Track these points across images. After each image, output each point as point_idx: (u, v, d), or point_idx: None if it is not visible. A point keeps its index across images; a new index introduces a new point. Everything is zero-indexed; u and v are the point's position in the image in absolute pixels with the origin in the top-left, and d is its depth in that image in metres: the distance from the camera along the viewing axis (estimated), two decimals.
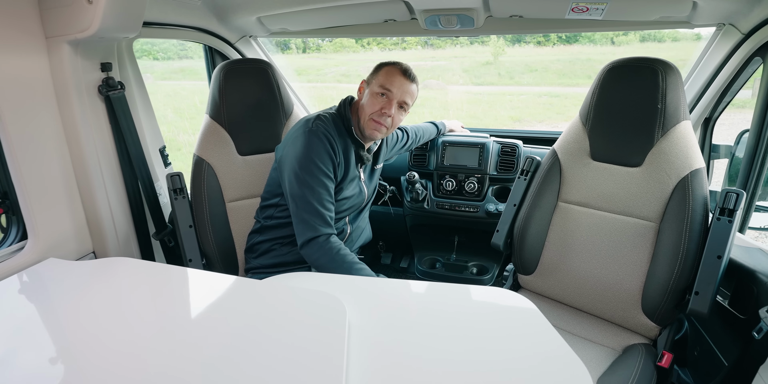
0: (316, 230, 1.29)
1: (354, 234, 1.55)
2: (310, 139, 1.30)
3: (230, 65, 1.50)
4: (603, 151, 1.38)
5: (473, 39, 9.06)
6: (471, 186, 1.90)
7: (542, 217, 1.48)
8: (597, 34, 15.90)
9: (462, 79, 13.20)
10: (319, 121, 1.34)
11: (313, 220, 1.29)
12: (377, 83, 1.35)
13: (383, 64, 1.39)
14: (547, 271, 1.48)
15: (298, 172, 1.30)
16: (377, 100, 1.35)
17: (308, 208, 1.29)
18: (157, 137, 1.57)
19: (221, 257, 1.50)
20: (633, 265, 1.32)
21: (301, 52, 17.01)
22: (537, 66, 13.63)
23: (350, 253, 1.30)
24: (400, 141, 1.76)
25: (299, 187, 1.30)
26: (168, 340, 0.82)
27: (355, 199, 1.47)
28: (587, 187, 1.42)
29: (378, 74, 1.37)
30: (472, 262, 2.08)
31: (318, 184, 1.30)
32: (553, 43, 15.86)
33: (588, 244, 1.40)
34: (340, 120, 1.39)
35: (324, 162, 1.30)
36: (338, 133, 1.36)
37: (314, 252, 1.29)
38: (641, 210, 1.32)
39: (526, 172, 1.55)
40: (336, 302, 0.92)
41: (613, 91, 1.33)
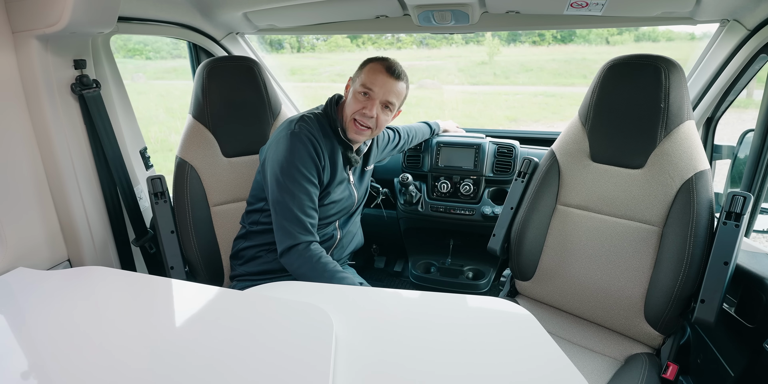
0: (295, 238, 1.23)
1: (344, 239, 1.49)
2: (292, 142, 1.24)
3: (214, 63, 1.44)
4: (603, 152, 1.33)
5: (469, 38, 8.93)
6: (466, 188, 1.84)
7: (540, 220, 1.42)
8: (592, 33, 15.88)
9: (457, 79, 13.17)
10: (303, 122, 1.27)
11: (293, 228, 1.23)
12: (360, 82, 1.28)
13: (368, 61, 1.31)
14: (546, 277, 1.43)
15: (279, 178, 1.24)
16: (359, 100, 1.28)
17: (288, 215, 1.23)
18: (137, 138, 1.50)
19: (205, 264, 1.43)
20: (635, 271, 1.26)
21: (295, 51, 16.90)
22: (532, 65, 13.63)
23: (332, 261, 1.24)
24: (392, 142, 1.69)
25: (280, 193, 1.24)
26: (143, 356, 0.75)
27: (345, 202, 1.40)
28: (587, 190, 1.36)
29: (362, 72, 1.30)
30: (467, 267, 2.02)
31: (299, 190, 1.24)
32: (549, 42, 15.85)
33: (588, 249, 1.35)
34: (326, 120, 1.33)
35: (306, 166, 1.24)
36: (323, 135, 1.30)
37: (294, 260, 1.23)
38: (643, 214, 1.26)
39: (523, 174, 1.49)
40: (322, 314, 0.86)
41: (614, 90, 1.27)
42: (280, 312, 0.90)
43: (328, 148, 1.30)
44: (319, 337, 0.79)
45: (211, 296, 0.96)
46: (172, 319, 0.89)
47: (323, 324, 0.83)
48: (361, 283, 1.23)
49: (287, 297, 0.98)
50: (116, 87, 1.41)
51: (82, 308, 0.92)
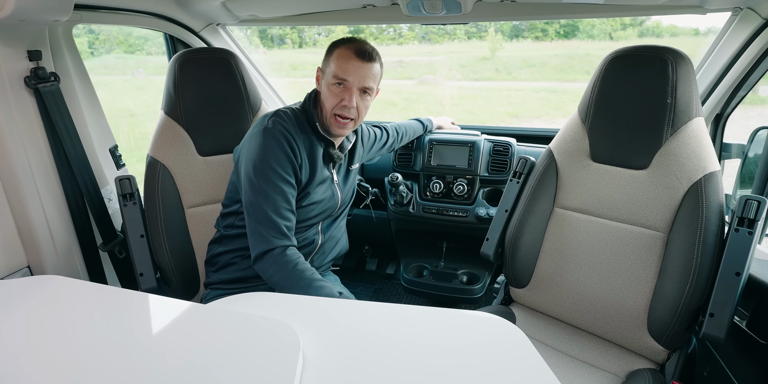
0: (270, 242, 1.13)
1: (327, 245, 1.38)
2: (264, 138, 1.14)
3: (186, 55, 1.34)
4: (604, 152, 1.23)
5: (471, 34, 8.82)
6: (460, 188, 1.75)
7: (536, 224, 1.32)
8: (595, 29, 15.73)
9: (459, 75, 13.06)
10: (277, 117, 1.18)
11: (267, 231, 1.13)
12: (331, 72, 1.17)
13: (334, 46, 1.19)
14: (542, 285, 1.33)
15: (252, 178, 1.14)
16: (334, 92, 1.17)
17: (261, 217, 1.13)
18: (106, 136, 1.40)
19: (179, 271, 1.35)
20: (638, 280, 1.17)
21: (297, 47, 16.82)
22: (535, 61, 13.52)
23: (310, 268, 1.14)
24: (379, 140, 1.59)
25: (253, 195, 1.15)
26: (95, 374, 0.67)
27: (327, 203, 1.30)
28: (587, 192, 1.26)
29: (330, 60, 1.18)
30: (461, 270, 1.93)
31: (273, 191, 1.14)
32: (552, 38, 15.73)
33: (587, 255, 1.25)
34: (304, 116, 1.23)
35: (281, 164, 1.14)
36: (301, 130, 1.20)
37: (268, 267, 1.13)
38: (647, 218, 1.16)
39: (519, 175, 1.39)
40: (288, 332, 0.77)
41: (617, 84, 1.17)
42: (243, 329, 0.81)
43: (306, 144, 1.20)
44: (283, 357, 0.70)
45: (172, 311, 0.87)
46: (126, 336, 0.80)
47: (289, 343, 0.74)
48: (341, 293, 1.13)
49: (254, 311, 0.89)
50: (80, 80, 1.31)
51: (29, 321, 0.83)
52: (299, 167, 1.19)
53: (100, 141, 1.37)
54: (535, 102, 9.63)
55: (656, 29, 15.30)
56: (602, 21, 16.34)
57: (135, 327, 0.82)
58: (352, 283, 2.32)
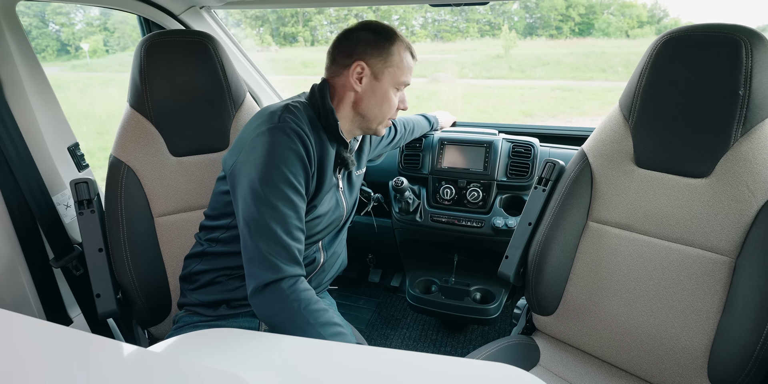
0: (278, 270, 0.87)
1: (328, 263, 1.16)
2: (274, 138, 0.90)
3: (155, 38, 1.14)
4: (653, 155, 1.01)
5: (484, 31, 8.73)
6: (474, 195, 1.53)
7: (566, 241, 1.11)
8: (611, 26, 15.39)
9: (472, 73, 12.85)
10: (288, 113, 0.94)
11: (275, 255, 0.88)
12: (397, 76, 1.01)
13: (391, 41, 1.00)
14: (572, 313, 1.12)
15: (257, 185, 0.90)
16: (395, 96, 1.04)
17: (268, 236, 0.88)
18: (62, 132, 1.21)
19: (144, 290, 1.15)
20: (696, 315, 0.95)
21: (309, 45, 16.71)
22: (549, 59, 13.26)
23: (324, 307, 0.89)
24: (387, 135, 1.38)
25: (257, 208, 0.89)
26: None
27: (332, 215, 1.08)
28: (630, 204, 1.04)
29: (391, 60, 1.00)
30: (474, 287, 1.71)
31: (284, 204, 0.89)
32: (567, 35, 15.43)
33: (629, 280, 1.03)
34: (314, 112, 1.00)
35: (294, 171, 0.91)
36: (313, 130, 0.97)
37: (272, 303, 0.87)
38: (709, 238, 0.94)
39: (545, 181, 1.17)
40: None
41: (671, 73, 0.95)
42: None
43: (318, 146, 0.98)
44: None
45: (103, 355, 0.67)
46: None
47: None
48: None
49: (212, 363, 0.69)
50: (27, 68, 1.12)
51: None
52: (311, 175, 0.97)
53: (55, 138, 1.18)
54: (550, 100, 9.38)
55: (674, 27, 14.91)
56: (618, 19, 15.96)
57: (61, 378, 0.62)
58: (353, 295, 2.12)
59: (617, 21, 15.91)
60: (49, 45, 14.48)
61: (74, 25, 15.56)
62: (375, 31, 0.99)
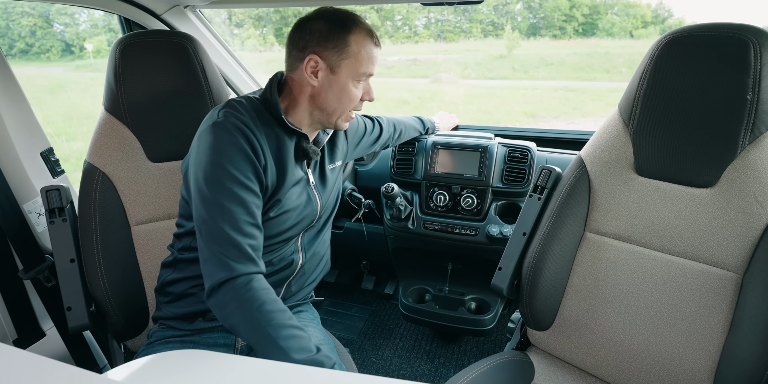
0: (230, 269, 0.85)
1: (308, 265, 1.10)
2: (215, 136, 0.88)
3: (130, 39, 1.09)
4: (654, 163, 0.95)
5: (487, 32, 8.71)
6: (468, 201, 1.47)
7: (562, 252, 1.05)
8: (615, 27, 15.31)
9: (474, 73, 12.81)
10: (229, 108, 0.91)
11: (225, 254, 0.85)
12: (356, 67, 0.93)
13: (346, 28, 0.92)
14: (569, 329, 1.06)
15: (203, 187, 0.88)
16: (357, 88, 0.96)
17: (217, 236, 0.86)
18: (35, 137, 1.16)
19: (119, 303, 1.10)
20: (700, 335, 0.89)
21: None
22: (552, 59, 13.20)
23: (282, 308, 0.86)
24: (370, 134, 1.31)
25: (205, 208, 0.87)
26: None
27: (303, 211, 1.02)
28: (629, 214, 0.98)
29: (347, 50, 0.92)
30: (469, 296, 1.65)
31: (231, 201, 0.87)
32: (570, 36, 15.36)
33: (629, 295, 0.97)
34: (264, 106, 0.96)
35: (239, 167, 0.88)
36: (263, 123, 0.93)
37: (227, 303, 0.85)
38: (714, 252, 0.88)
39: (540, 189, 1.11)
40: None
41: (674, 75, 0.89)
42: None
43: (271, 139, 0.94)
44: None
45: None
46: None
47: None
48: (319, 350, 0.86)
49: None
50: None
51: None
52: (263, 169, 0.92)
53: (26, 144, 1.12)
54: (553, 101, 9.32)
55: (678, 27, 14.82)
56: (623, 18, 15.86)
57: None
58: (346, 303, 2.06)
59: (621, 21, 15.83)
60: (54, 45, 14.52)
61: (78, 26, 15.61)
62: (330, 19, 0.91)
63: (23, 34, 13.92)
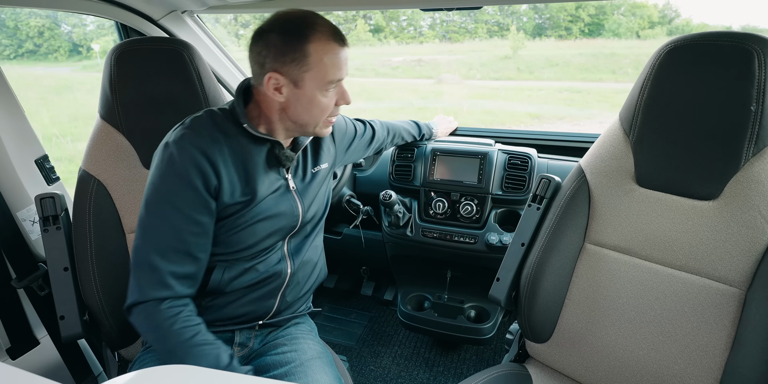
0: (142, 293, 0.85)
1: (300, 274, 1.07)
2: (163, 158, 0.87)
3: (125, 46, 1.08)
4: (656, 174, 0.93)
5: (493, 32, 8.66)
6: (468, 209, 1.45)
7: (561, 264, 1.03)
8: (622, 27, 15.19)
9: (480, 74, 12.76)
10: (187, 129, 0.89)
11: (142, 277, 0.86)
12: (321, 78, 0.87)
13: (302, 33, 0.83)
14: (568, 342, 1.04)
15: (142, 207, 0.88)
16: (327, 97, 0.90)
17: (141, 258, 0.86)
18: (29, 144, 1.15)
19: (113, 312, 1.09)
20: (701, 351, 0.86)
21: None
22: (558, 60, 13.12)
23: (194, 325, 0.86)
24: (361, 137, 1.27)
25: (139, 228, 0.88)
26: None
27: (282, 219, 0.99)
28: (629, 226, 0.96)
29: (309, 61, 0.84)
30: (469, 304, 1.64)
31: (162, 226, 0.86)
32: (575, 36, 15.26)
33: (629, 309, 0.95)
34: (233, 117, 0.93)
35: (180, 193, 0.86)
36: (226, 136, 0.90)
37: (139, 324, 0.87)
38: (716, 267, 0.86)
39: (539, 199, 1.09)
40: None
41: (676, 85, 0.87)
42: None
43: (235, 153, 0.91)
44: None
45: None
46: None
47: None
48: (231, 360, 0.85)
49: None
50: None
51: None
52: (217, 190, 0.89)
53: (20, 151, 1.12)
54: (559, 102, 9.25)
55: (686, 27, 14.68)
56: (629, 19, 15.75)
57: None
58: (345, 309, 2.05)
59: (628, 21, 15.71)
60: (62, 46, 14.62)
61: (86, 26, 15.71)
62: (283, 30, 0.84)
63: (31, 34, 14.03)
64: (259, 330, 1.06)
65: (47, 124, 6.93)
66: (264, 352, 1.02)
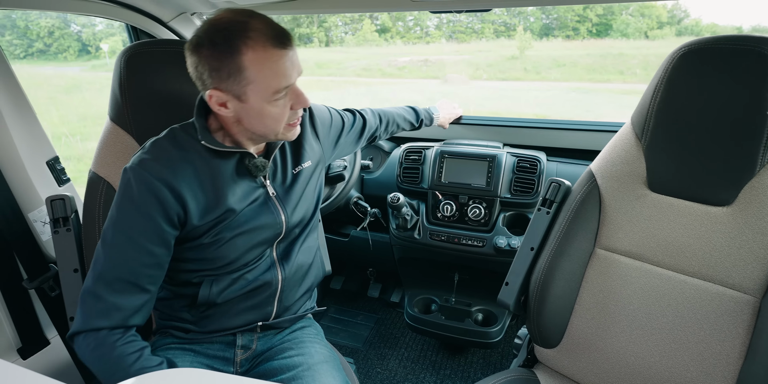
0: (85, 322, 0.83)
1: (293, 280, 1.02)
2: (122, 186, 0.85)
3: (135, 49, 1.09)
4: (668, 179, 0.92)
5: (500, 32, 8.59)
6: (476, 212, 1.45)
7: (571, 269, 1.02)
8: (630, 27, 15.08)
9: (486, 74, 12.72)
10: (146, 154, 0.86)
11: (87, 305, 0.83)
12: (264, 90, 0.80)
13: (237, 49, 0.76)
14: (577, 347, 1.03)
15: (99, 240, 0.86)
16: (278, 106, 0.84)
17: (89, 285, 0.84)
18: (41, 146, 1.16)
19: None
20: (714, 360, 0.85)
21: (323, 45, 16.72)
22: (565, 60, 13.05)
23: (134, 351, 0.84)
24: (350, 127, 1.21)
25: (94, 256, 0.86)
26: None
27: (265, 230, 0.95)
28: (641, 231, 0.95)
29: (246, 74, 0.78)
30: (476, 307, 1.63)
31: (113, 255, 0.83)
32: (583, 37, 15.16)
33: (640, 315, 0.94)
34: (196, 133, 0.90)
35: (135, 224, 0.83)
36: (188, 155, 0.87)
37: (82, 352, 0.84)
38: (730, 274, 0.85)
39: (549, 203, 1.09)
40: None
41: (690, 89, 0.86)
42: None
43: (201, 170, 0.87)
44: None
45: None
46: None
47: None
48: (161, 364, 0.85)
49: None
50: (0, 80, 1.06)
51: None
52: (185, 214, 0.86)
53: (32, 153, 1.13)
54: (566, 103, 9.20)
55: (695, 28, 14.53)
56: (637, 19, 15.63)
57: None
58: (352, 310, 2.05)
59: (636, 22, 15.59)
60: (71, 45, 14.74)
61: (95, 26, 15.83)
62: (213, 43, 0.77)
63: (42, 34, 14.15)
64: (261, 332, 1.05)
65: (57, 123, 6.99)
66: (271, 357, 1.02)
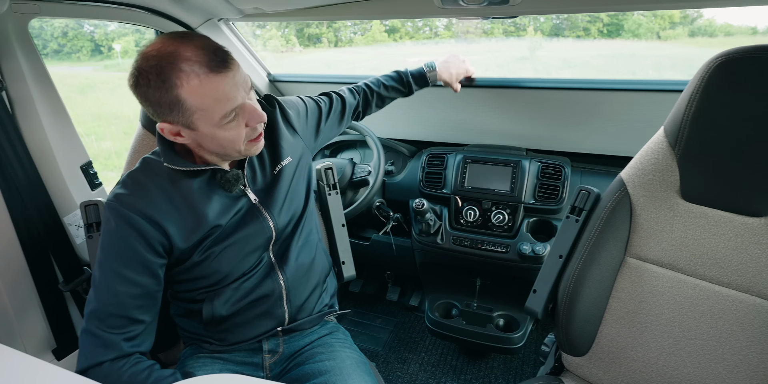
0: (93, 356, 0.83)
1: (296, 279, 1.03)
2: (104, 222, 0.87)
3: None
4: (702, 189, 0.91)
5: (509, 32, 8.56)
6: (499, 217, 1.45)
7: (601, 277, 1.02)
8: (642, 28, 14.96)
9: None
10: (122, 188, 0.87)
11: (85, 342, 0.84)
12: (211, 117, 0.79)
13: (172, 83, 0.75)
14: (607, 357, 1.03)
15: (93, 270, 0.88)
16: (230, 129, 0.82)
17: (84, 323, 0.85)
18: (76, 151, 1.18)
19: None
20: (751, 371, 0.85)
21: (333, 45, 16.77)
22: (576, 61, 12.93)
23: (146, 369, 0.85)
24: (327, 112, 1.17)
25: (91, 290, 0.86)
26: None
27: (255, 239, 0.95)
28: (674, 240, 0.94)
29: (188, 106, 0.77)
30: (498, 312, 1.63)
31: (105, 290, 0.84)
32: (594, 37, 15.05)
33: (673, 326, 0.94)
34: None
35: (119, 258, 0.85)
36: (162, 179, 0.88)
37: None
38: (767, 285, 0.84)
39: (578, 211, 1.08)
40: None
41: (727, 99, 0.85)
42: None
43: (178, 194, 0.88)
44: None
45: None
46: None
47: None
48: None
49: None
50: (40, 87, 1.08)
51: None
52: (168, 241, 0.87)
53: (68, 158, 1.14)
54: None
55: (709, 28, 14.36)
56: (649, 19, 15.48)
57: None
58: (370, 314, 2.05)
59: (648, 22, 15.43)
60: (84, 46, 14.89)
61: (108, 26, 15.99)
62: (148, 81, 0.76)
63: (56, 34, 14.32)
64: (284, 335, 1.06)
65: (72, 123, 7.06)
66: (303, 362, 1.03)
